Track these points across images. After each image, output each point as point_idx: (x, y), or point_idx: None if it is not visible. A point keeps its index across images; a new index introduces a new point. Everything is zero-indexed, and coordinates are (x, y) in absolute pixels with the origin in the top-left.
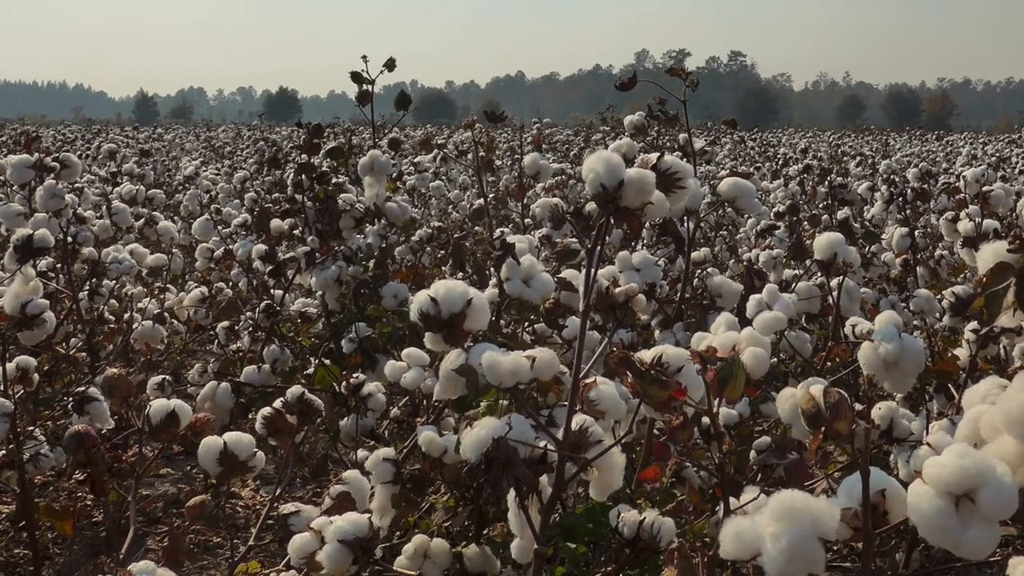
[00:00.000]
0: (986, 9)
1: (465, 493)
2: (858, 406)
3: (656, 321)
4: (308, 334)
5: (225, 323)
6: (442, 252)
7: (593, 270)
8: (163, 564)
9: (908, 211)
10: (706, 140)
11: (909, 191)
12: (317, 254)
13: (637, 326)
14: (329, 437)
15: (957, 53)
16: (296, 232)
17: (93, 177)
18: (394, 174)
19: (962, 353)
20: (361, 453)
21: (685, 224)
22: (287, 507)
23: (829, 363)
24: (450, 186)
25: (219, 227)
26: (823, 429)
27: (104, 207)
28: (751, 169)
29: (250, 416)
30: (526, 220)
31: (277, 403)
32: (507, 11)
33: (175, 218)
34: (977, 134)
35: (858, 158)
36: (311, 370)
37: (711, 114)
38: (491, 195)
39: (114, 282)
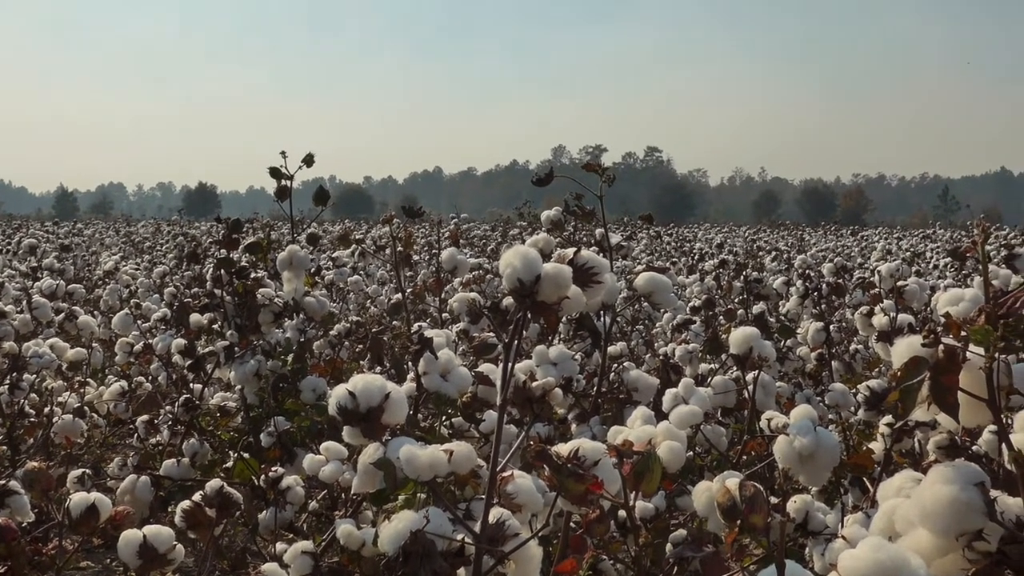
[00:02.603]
0: (900, 106)
1: None
2: (773, 499)
3: (573, 415)
4: (227, 428)
5: (145, 417)
6: (360, 346)
7: (510, 364)
8: None
9: (823, 305)
10: (623, 235)
11: (824, 286)
12: (236, 348)
13: (554, 420)
14: (248, 530)
15: (872, 149)
16: (215, 326)
17: (13, 272)
18: (312, 269)
19: (877, 447)
20: (280, 546)
21: (602, 318)
22: None
23: (745, 457)
24: (368, 281)
25: (139, 321)
26: (739, 522)
27: (24, 301)
28: (667, 264)
29: (170, 509)
30: (444, 314)
31: (196, 496)
32: (425, 107)
33: (95, 312)
34: (892, 229)
35: (773, 253)
36: (230, 463)
37: (628, 209)
38: (409, 290)
39: (34, 376)
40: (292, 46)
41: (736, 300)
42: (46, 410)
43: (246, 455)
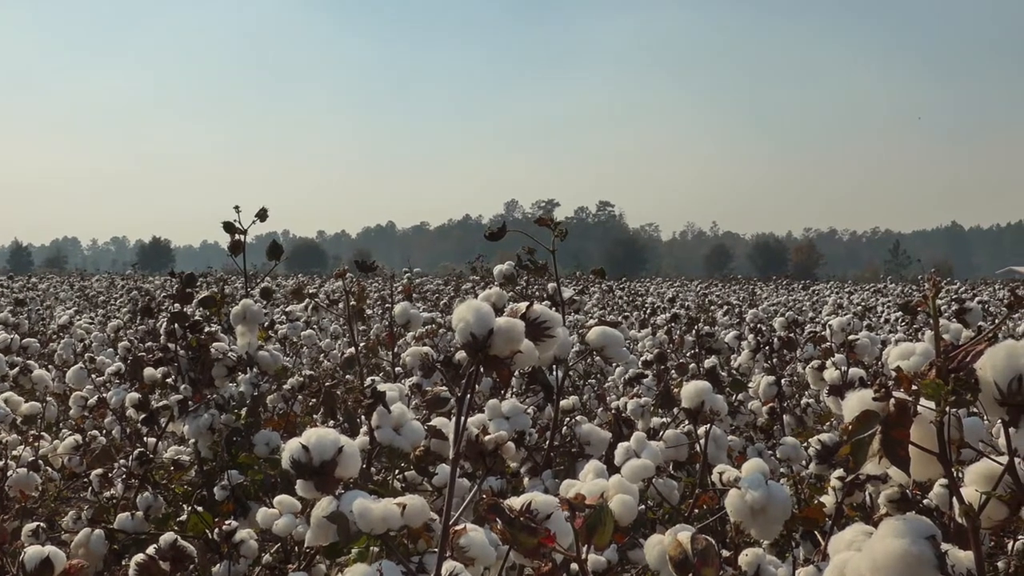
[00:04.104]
0: (851, 161)
1: None
2: (725, 553)
3: (525, 468)
4: (181, 481)
5: (99, 470)
6: (313, 400)
7: (463, 418)
8: None
9: (775, 359)
10: (575, 289)
11: (776, 340)
12: (190, 402)
13: (507, 474)
14: None
15: (823, 203)
16: (169, 380)
17: None
18: (266, 323)
19: (828, 500)
20: None
21: (554, 372)
22: None
23: (697, 510)
24: (321, 335)
25: (93, 375)
26: (691, 575)
27: None
28: (619, 318)
29: (124, 563)
30: (397, 368)
31: (150, 550)
32: (378, 162)
33: (49, 366)
34: (843, 283)
35: (725, 307)
36: (184, 517)
37: (580, 263)
38: (362, 344)
39: None
40: (245, 102)
41: (688, 354)
42: (0, 464)
43: (200, 508)
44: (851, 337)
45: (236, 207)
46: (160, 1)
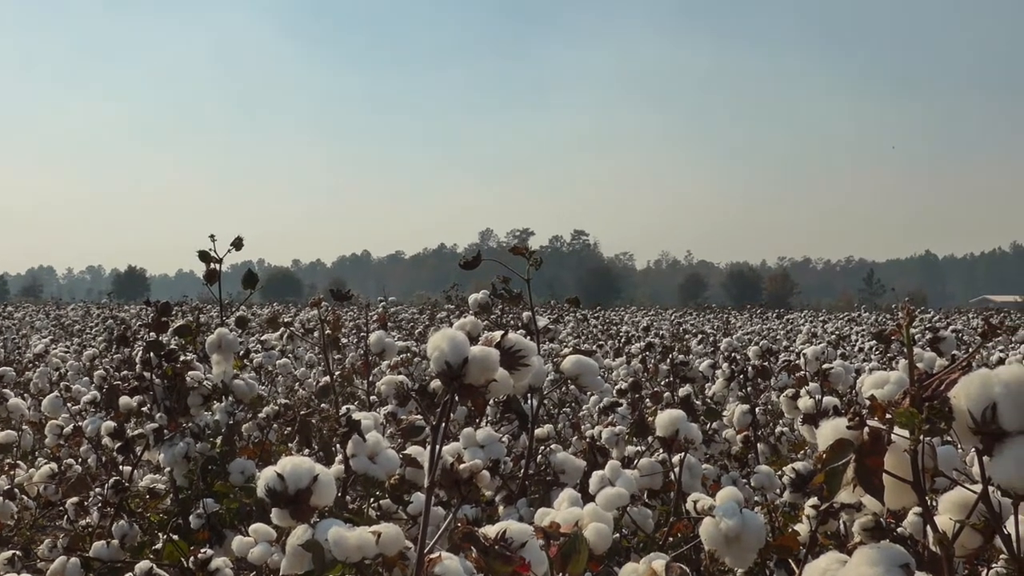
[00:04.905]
0: (825, 190)
1: None
2: None
3: (500, 497)
4: (157, 510)
5: (75, 499)
6: (289, 429)
7: (438, 447)
8: None
9: (749, 388)
10: (550, 318)
11: (750, 368)
12: (165, 431)
13: (481, 502)
14: None
15: (797, 232)
16: (145, 409)
17: None
18: (241, 352)
19: (802, 528)
20: None
21: (529, 401)
22: None
23: (671, 538)
24: (297, 363)
25: (68, 404)
26: None
27: None
28: (594, 347)
29: None
30: (372, 397)
31: None
32: (353, 191)
33: (25, 395)
34: (817, 312)
35: (699, 336)
36: (159, 545)
37: (554, 292)
38: (337, 372)
39: None
40: (220, 131)
41: (662, 383)
42: None
43: (175, 537)
44: (825, 366)
45: (211, 236)
46: (133, 30)
